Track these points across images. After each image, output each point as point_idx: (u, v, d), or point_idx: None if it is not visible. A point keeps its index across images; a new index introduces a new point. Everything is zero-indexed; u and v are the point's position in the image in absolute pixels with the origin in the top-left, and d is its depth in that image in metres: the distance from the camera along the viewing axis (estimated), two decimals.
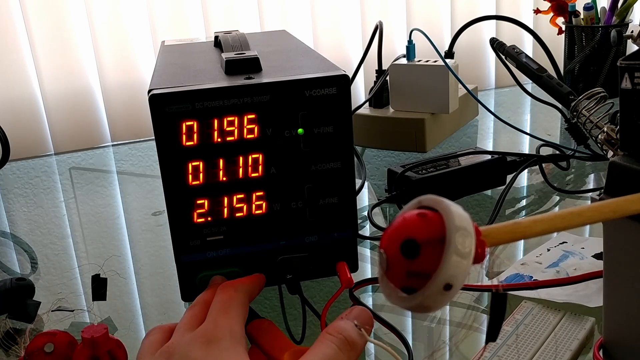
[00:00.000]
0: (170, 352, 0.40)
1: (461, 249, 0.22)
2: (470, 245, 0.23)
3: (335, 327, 0.40)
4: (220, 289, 0.46)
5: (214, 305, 0.44)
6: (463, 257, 0.22)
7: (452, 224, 0.23)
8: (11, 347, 0.50)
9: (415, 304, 0.23)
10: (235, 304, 0.44)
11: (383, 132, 0.91)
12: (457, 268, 0.22)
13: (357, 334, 0.39)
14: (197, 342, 0.40)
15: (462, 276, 0.23)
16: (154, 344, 0.41)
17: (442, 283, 0.22)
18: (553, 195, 0.75)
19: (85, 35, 1.11)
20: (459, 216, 0.23)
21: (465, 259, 0.22)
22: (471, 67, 1.35)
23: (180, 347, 0.40)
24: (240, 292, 0.46)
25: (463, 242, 0.23)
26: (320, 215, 0.52)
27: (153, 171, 0.93)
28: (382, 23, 0.95)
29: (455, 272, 0.22)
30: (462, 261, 0.22)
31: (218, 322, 0.41)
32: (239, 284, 0.47)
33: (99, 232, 0.74)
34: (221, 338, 0.40)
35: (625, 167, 0.38)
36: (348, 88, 0.50)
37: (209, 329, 0.41)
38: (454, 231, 0.23)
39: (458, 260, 0.22)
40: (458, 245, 0.22)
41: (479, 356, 0.45)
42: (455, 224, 0.23)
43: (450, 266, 0.22)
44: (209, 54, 0.64)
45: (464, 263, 0.22)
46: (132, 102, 1.15)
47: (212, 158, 0.49)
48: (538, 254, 0.59)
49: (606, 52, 1.06)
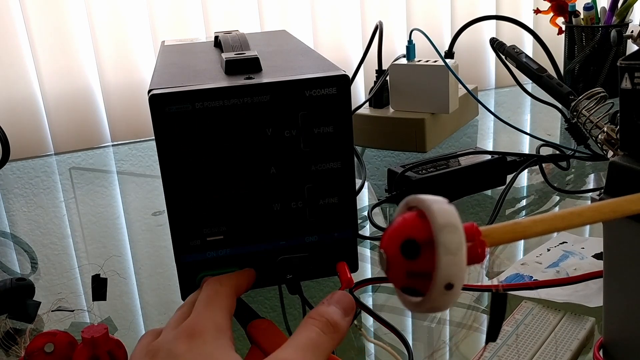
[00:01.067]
0: (156, 349, 0.40)
1: (450, 246, 0.22)
2: (458, 239, 0.22)
3: (318, 311, 0.40)
4: (206, 284, 0.46)
5: (199, 300, 0.44)
6: (455, 254, 0.22)
7: (436, 223, 0.23)
8: (11, 347, 0.50)
9: (426, 309, 0.23)
10: (219, 298, 0.44)
11: (383, 132, 0.91)
12: (451, 267, 0.22)
13: (339, 316, 0.40)
14: (181, 337, 0.39)
15: (460, 272, 0.22)
16: (144, 346, 0.42)
17: (442, 285, 0.22)
18: (553, 195, 0.75)
19: (85, 35, 1.11)
20: (441, 213, 0.23)
21: (457, 254, 0.22)
22: (471, 67, 1.35)
23: (165, 344, 0.40)
24: (225, 285, 0.46)
25: (451, 239, 0.22)
26: (320, 215, 0.52)
27: (153, 171, 0.93)
28: (382, 23, 0.95)
29: (451, 271, 0.22)
30: (454, 258, 0.22)
31: (201, 316, 0.41)
32: (224, 278, 0.47)
33: (99, 232, 0.74)
34: (204, 331, 0.40)
35: (625, 167, 0.38)
36: (348, 88, 0.50)
37: (192, 323, 0.41)
38: (439, 230, 0.23)
39: (450, 258, 0.22)
40: (447, 244, 0.22)
41: (479, 356, 0.45)
42: (438, 222, 0.23)
43: (444, 266, 0.22)
44: (209, 54, 0.64)
45: (457, 259, 0.22)
46: (132, 102, 1.15)
47: (212, 158, 0.49)
48: (538, 254, 0.59)
49: (606, 52, 1.06)
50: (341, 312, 0.40)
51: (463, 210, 0.71)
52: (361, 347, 0.51)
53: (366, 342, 0.51)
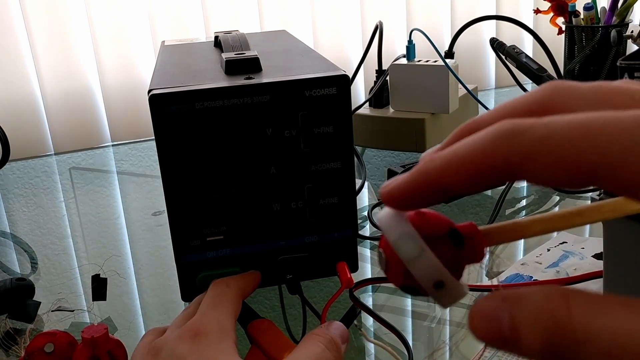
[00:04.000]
0: (158, 348, 0.40)
1: (409, 256, 0.22)
2: (414, 245, 0.22)
3: (321, 330, 0.41)
4: (212, 285, 0.46)
5: (205, 300, 0.44)
6: (418, 260, 0.22)
7: (390, 243, 0.23)
8: (11, 347, 0.50)
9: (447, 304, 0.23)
10: (225, 299, 0.44)
11: (383, 132, 0.91)
12: (422, 271, 0.22)
13: (339, 339, 0.41)
14: (184, 337, 0.39)
15: (436, 270, 0.22)
16: (147, 344, 0.41)
17: (431, 287, 0.22)
18: (553, 195, 0.75)
19: (85, 35, 1.11)
20: (389, 231, 0.23)
21: (420, 259, 0.22)
22: (471, 67, 1.35)
23: (168, 343, 0.40)
24: (231, 287, 0.46)
25: (406, 250, 0.22)
26: (320, 215, 0.52)
27: (153, 171, 0.93)
28: (382, 23, 0.95)
29: (426, 274, 0.22)
30: (420, 261, 0.22)
31: (206, 316, 0.41)
32: (231, 279, 0.47)
33: (99, 232, 0.74)
34: (208, 332, 0.40)
35: None
36: (348, 88, 0.50)
37: (196, 323, 0.41)
38: (396, 249, 0.23)
39: (416, 265, 0.22)
40: (405, 256, 0.22)
41: (479, 356, 0.45)
42: (391, 240, 0.23)
43: (418, 273, 0.22)
44: (209, 54, 0.64)
45: (422, 262, 0.22)
46: (132, 102, 1.15)
47: (212, 158, 0.49)
48: (538, 254, 0.59)
49: (606, 52, 1.06)
50: (340, 337, 0.41)
51: (463, 210, 0.71)
52: (361, 347, 0.51)
53: (366, 342, 0.51)
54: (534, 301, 0.19)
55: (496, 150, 0.20)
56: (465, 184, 0.21)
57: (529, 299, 0.19)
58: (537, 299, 0.19)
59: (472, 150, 0.21)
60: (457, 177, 0.21)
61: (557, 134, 0.19)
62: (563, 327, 0.18)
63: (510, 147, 0.20)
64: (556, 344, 0.18)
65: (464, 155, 0.21)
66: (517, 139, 0.20)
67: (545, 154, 0.19)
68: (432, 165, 0.22)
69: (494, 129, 0.20)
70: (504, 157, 0.20)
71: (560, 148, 0.19)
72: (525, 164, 0.19)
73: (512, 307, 0.19)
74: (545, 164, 0.19)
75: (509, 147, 0.20)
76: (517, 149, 0.20)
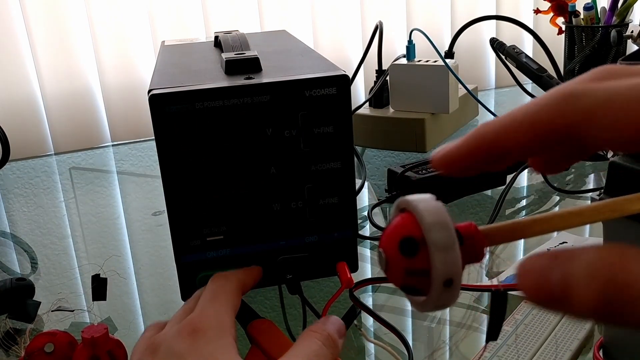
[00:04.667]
0: (157, 344, 0.39)
1: (441, 244, 0.22)
2: (449, 236, 0.22)
3: (318, 326, 0.41)
4: (212, 280, 0.46)
5: (204, 295, 0.43)
6: (447, 251, 0.22)
7: (424, 223, 0.23)
8: (11, 347, 0.50)
9: (431, 307, 0.23)
10: (224, 293, 0.43)
11: (383, 132, 0.91)
12: (446, 264, 0.22)
13: (336, 335, 0.41)
14: (183, 333, 0.39)
15: (456, 268, 0.22)
16: (146, 339, 0.41)
17: (441, 282, 0.22)
18: (553, 195, 0.75)
19: (85, 35, 1.11)
20: (428, 212, 0.23)
21: (449, 251, 0.22)
22: (471, 67, 1.35)
23: (166, 339, 0.39)
24: (231, 281, 0.45)
25: (441, 237, 0.22)
26: (320, 215, 0.52)
27: (153, 171, 0.93)
28: (382, 23, 0.95)
29: (447, 267, 0.22)
30: (447, 255, 0.22)
31: (205, 312, 0.41)
32: (231, 274, 0.47)
33: (99, 232, 0.74)
34: (208, 328, 0.39)
35: (625, 167, 0.38)
36: (348, 88, 0.50)
37: (195, 318, 0.40)
38: (427, 230, 0.23)
39: (443, 255, 0.22)
40: (437, 242, 0.22)
41: (479, 356, 0.45)
42: (426, 222, 0.23)
43: (439, 264, 0.22)
44: (209, 54, 0.64)
45: (450, 256, 0.22)
46: (132, 102, 1.15)
47: (212, 158, 0.49)
48: None
49: (606, 52, 1.06)
50: (337, 333, 0.41)
51: (463, 210, 0.71)
52: (361, 347, 0.51)
53: (366, 342, 0.51)
54: (589, 258, 0.18)
55: (557, 111, 0.20)
56: (523, 147, 0.21)
57: (582, 256, 0.19)
58: (591, 256, 0.18)
59: (531, 112, 0.20)
60: (515, 139, 0.21)
61: (619, 95, 0.19)
62: (621, 282, 0.18)
63: (572, 107, 0.19)
64: (612, 300, 0.18)
65: (524, 118, 0.20)
66: (580, 100, 0.19)
67: (606, 115, 0.19)
68: (489, 128, 0.21)
69: (554, 91, 0.20)
70: (564, 118, 0.20)
71: (622, 110, 0.19)
72: (586, 123, 0.19)
73: (564, 264, 0.19)
74: (606, 125, 0.19)
75: (570, 107, 0.19)
76: (579, 109, 0.19)
